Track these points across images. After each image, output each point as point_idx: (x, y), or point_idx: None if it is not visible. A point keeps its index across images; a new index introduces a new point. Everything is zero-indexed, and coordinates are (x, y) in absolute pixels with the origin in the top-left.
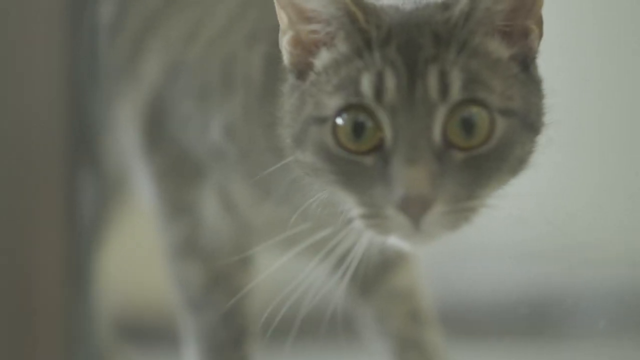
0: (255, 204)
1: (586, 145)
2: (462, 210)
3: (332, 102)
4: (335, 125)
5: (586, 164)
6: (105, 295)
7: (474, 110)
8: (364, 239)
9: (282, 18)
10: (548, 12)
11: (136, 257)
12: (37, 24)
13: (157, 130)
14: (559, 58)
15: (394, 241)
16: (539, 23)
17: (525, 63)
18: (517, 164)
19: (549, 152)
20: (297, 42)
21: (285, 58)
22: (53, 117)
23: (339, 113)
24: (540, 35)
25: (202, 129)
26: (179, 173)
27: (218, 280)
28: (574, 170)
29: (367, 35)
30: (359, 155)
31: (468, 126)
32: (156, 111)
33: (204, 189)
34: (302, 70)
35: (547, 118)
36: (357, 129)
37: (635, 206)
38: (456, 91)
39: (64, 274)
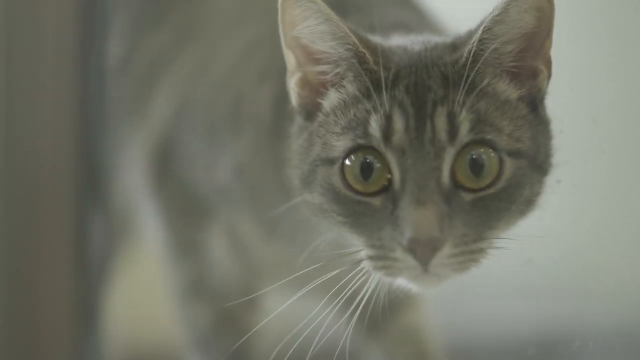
0: (264, 244)
1: (592, 184)
2: (470, 252)
3: (341, 144)
4: (343, 166)
5: (593, 204)
6: (113, 333)
7: (483, 152)
8: (372, 279)
9: (290, 60)
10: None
11: (144, 296)
12: (46, 64)
13: (165, 169)
14: (565, 97)
15: (403, 282)
16: (548, 64)
17: (534, 104)
18: (526, 205)
19: (556, 193)
20: (304, 83)
21: (293, 99)
22: (62, 156)
23: (347, 154)
24: (549, 75)
25: (210, 168)
26: (186, 213)
27: (226, 320)
28: (581, 209)
29: (376, 76)
30: (367, 197)
31: (477, 167)
32: (164, 150)
33: (212, 229)
34: (310, 111)
35: (555, 159)
36: (366, 170)
37: None
38: (465, 133)
39: (73, 312)
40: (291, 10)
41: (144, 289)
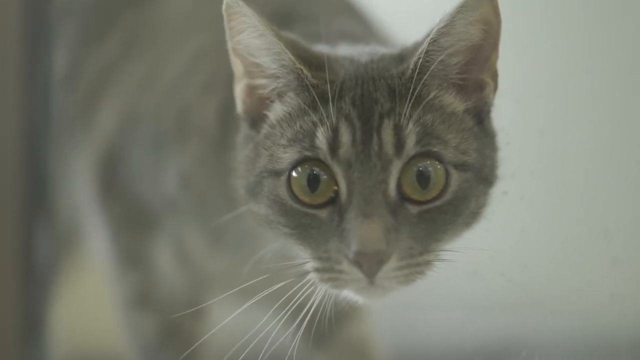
0: (209, 253)
1: (539, 196)
2: (416, 265)
3: (287, 156)
4: (290, 178)
5: (539, 216)
6: (59, 344)
7: (429, 164)
8: (319, 291)
9: (237, 65)
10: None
11: (90, 306)
12: None
13: (111, 181)
14: (512, 109)
15: (349, 294)
16: (494, 76)
17: (480, 116)
18: (472, 217)
19: (503, 205)
20: (250, 91)
21: (239, 106)
22: (7, 167)
23: (294, 166)
24: (495, 88)
25: (156, 179)
26: (132, 225)
27: (172, 331)
28: (527, 221)
29: (320, 89)
30: (313, 209)
31: (423, 180)
32: (111, 162)
33: (158, 240)
34: (256, 119)
35: (501, 171)
36: (312, 182)
37: (589, 260)
38: (411, 146)
39: (18, 323)
40: (230, 20)
41: (90, 299)
